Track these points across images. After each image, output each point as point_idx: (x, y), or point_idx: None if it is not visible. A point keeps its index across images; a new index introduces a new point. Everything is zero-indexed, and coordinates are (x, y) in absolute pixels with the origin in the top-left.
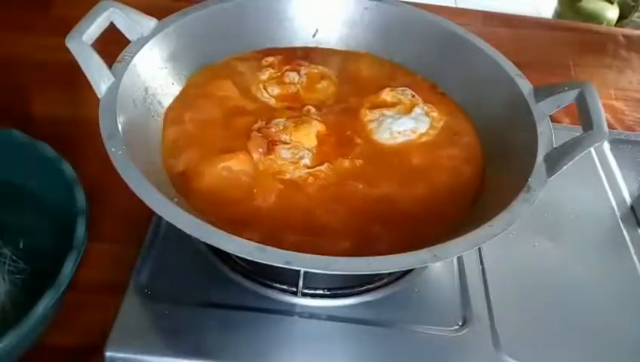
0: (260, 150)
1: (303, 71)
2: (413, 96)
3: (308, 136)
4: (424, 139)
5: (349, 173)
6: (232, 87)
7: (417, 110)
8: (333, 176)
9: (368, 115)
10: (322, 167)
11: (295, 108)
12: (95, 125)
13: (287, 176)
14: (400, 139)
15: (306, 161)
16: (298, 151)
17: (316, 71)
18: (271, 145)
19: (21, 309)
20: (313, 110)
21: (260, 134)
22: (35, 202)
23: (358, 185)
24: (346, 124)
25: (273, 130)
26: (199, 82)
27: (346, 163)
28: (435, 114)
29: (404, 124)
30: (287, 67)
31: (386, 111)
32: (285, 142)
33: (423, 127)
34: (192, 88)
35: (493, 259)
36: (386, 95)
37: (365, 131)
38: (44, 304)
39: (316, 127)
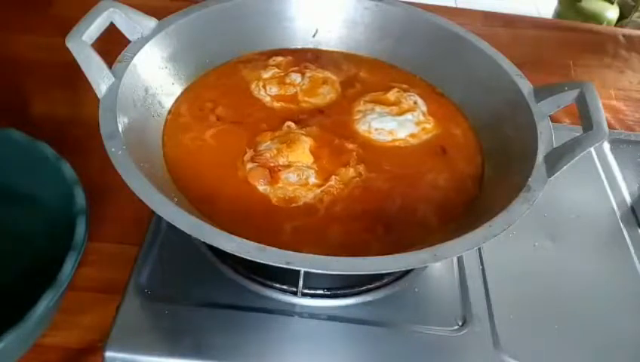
0: (262, 180)
1: (308, 74)
2: (415, 103)
3: (304, 152)
4: (398, 143)
5: (355, 180)
6: (235, 90)
7: (408, 116)
8: (344, 188)
9: (360, 106)
10: (332, 182)
11: (276, 126)
12: (95, 125)
13: (302, 202)
14: (376, 136)
15: (313, 179)
16: (302, 172)
17: (321, 75)
18: (273, 172)
19: (21, 309)
20: (293, 125)
21: (255, 164)
22: (35, 202)
23: (368, 189)
24: (333, 131)
25: (267, 155)
26: (203, 83)
27: (351, 171)
28: (428, 126)
29: (383, 123)
30: (294, 68)
31: (377, 108)
32: (286, 166)
33: (403, 132)
34: (195, 90)
35: (493, 259)
36: (391, 95)
37: (351, 120)
38: (44, 304)
39: (307, 142)
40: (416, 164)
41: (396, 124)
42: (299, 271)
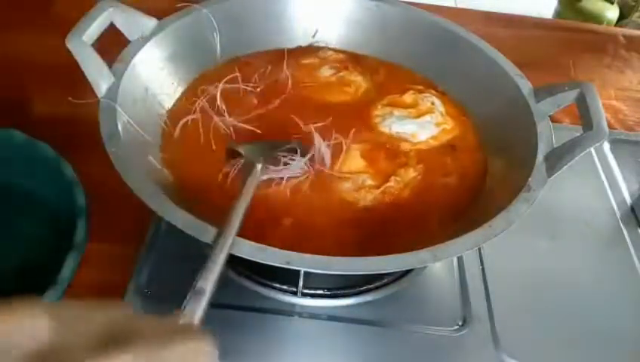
0: None
1: (342, 73)
2: (433, 103)
3: (355, 161)
4: (420, 146)
5: (415, 180)
6: None
7: (427, 118)
8: (404, 189)
9: (378, 110)
10: (391, 183)
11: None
12: (95, 125)
13: (362, 204)
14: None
15: (369, 181)
16: (357, 178)
17: (351, 78)
18: None
19: None
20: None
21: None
22: (35, 202)
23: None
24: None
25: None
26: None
27: (411, 171)
28: (447, 126)
29: (403, 126)
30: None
31: (396, 111)
32: (339, 178)
33: (424, 134)
34: (195, 89)
35: (493, 259)
36: (408, 97)
37: (370, 124)
38: None
39: (355, 149)
40: (430, 165)
41: (416, 127)
42: (299, 271)
